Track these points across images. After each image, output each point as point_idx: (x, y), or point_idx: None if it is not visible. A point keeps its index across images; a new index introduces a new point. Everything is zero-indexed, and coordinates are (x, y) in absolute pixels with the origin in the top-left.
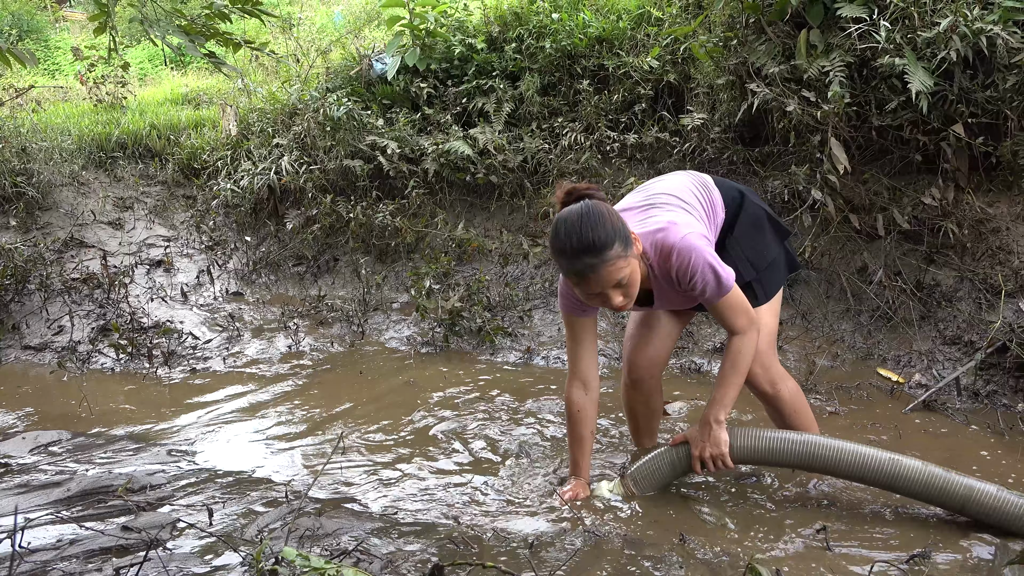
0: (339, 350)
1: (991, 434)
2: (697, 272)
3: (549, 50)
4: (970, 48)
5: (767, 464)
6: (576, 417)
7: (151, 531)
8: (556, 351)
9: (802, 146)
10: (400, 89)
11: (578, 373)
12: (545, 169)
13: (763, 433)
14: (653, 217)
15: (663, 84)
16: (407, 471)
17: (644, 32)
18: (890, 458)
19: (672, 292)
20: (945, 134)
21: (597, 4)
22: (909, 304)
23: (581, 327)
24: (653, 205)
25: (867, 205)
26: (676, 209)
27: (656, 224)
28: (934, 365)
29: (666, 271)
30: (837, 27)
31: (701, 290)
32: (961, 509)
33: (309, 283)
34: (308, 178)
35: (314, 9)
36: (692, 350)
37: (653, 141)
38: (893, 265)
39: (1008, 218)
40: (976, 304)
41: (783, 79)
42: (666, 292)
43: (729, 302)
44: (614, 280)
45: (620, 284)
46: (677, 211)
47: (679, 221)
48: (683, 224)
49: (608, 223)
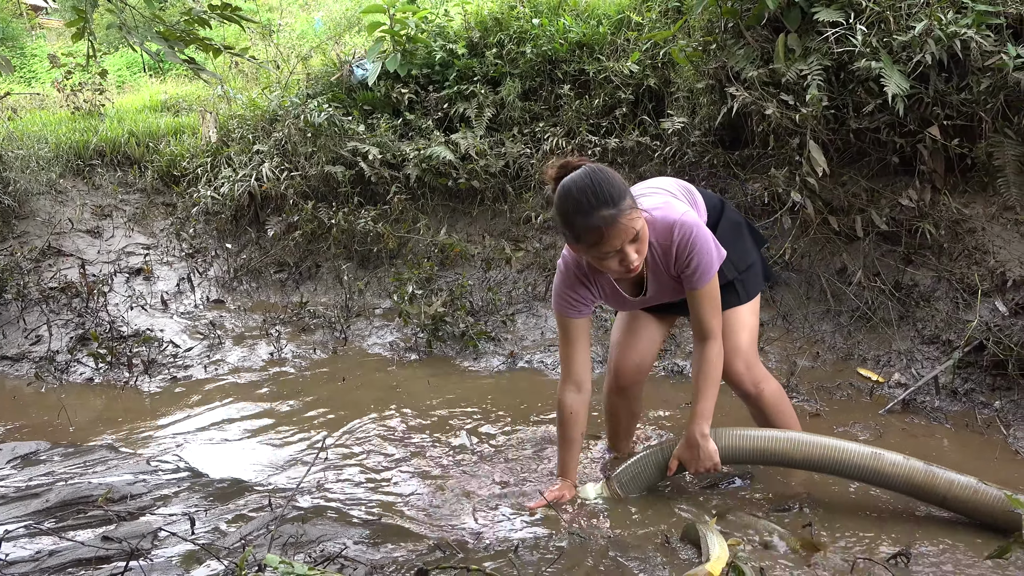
0: (321, 357)
1: (969, 432)
2: (697, 246)
3: (530, 55)
4: (945, 51)
5: (751, 463)
6: (568, 419)
7: (131, 541)
8: (540, 355)
9: (781, 149)
10: (381, 95)
11: (572, 375)
12: (527, 174)
13: (746, 432)
14: (649, 198)
15: (643, 88)
16: (391, 477)
17: (624, 37)
18: (872, 453)
19: (665, 277)
20: (921, 136)
21: (577, 9)
22: (888, 304)
23: (575, 329)
24: (644, 195)
25: (846, 207)
26: (668, 196)
27: (654, 204)
28: (913, 364)
29: (666, 248)
30: (814, 31)
31: (694, 269)
32: (943, 503)
33: (291, 290)
34: (289, 184)
35: (294, 16)
36: (675, 352)
37: (634, 145)
38: (872, 266)
39: (984, 218)
40: (953, 304)
41: (762, 83)
42: (660, 277)
43: (712, 292)
44: (632, 231)
45: (636, 238)
46: (669, 197)
47: (674, 203)
48: (679, 205)
49: (616, 178)
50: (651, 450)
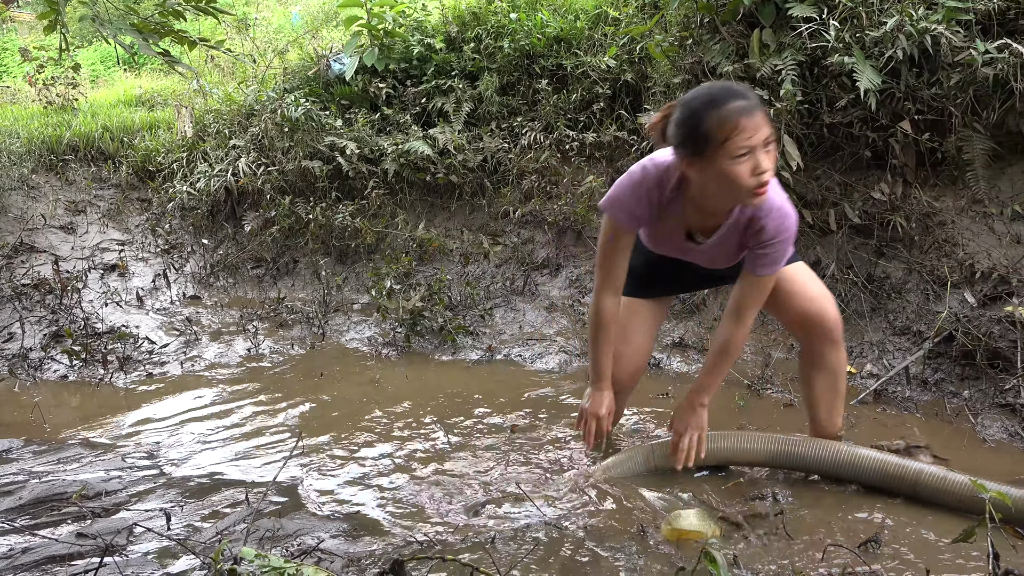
0: (299, 352)
1: (939, 421)
2: (783, 236)
3: (507, 50)
4: (916, 47)
5: (724, 464)
6: (608, 323)
7: (106, 537)
8: (517, 348)
9: None
10: (359, 89)
11: (612, 281)
12: (505, 168)
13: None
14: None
15: (621, 83)
16: (369, 471)
17: (601, 32)
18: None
19: (734, 243)
20: (893, 130)
21: (555, 4)
22: (860, 296)
23: (622, 238)
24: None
25: (820, 200)
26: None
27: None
28: (885, 355)
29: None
30: (788, 26)
31: (768, 256)
32: (913, 492)
33: (268, 285)
34: (266, 180)
35: (271, 10)
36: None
37: (612, 140)
38: (845, 259)
39: (953, 211)
40: (924, 295)
41: (737, 77)
42: (729, 239)
43: (766, 285)
44: (768, 132)
45: (769, 144)
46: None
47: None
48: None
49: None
50: (641, 447)
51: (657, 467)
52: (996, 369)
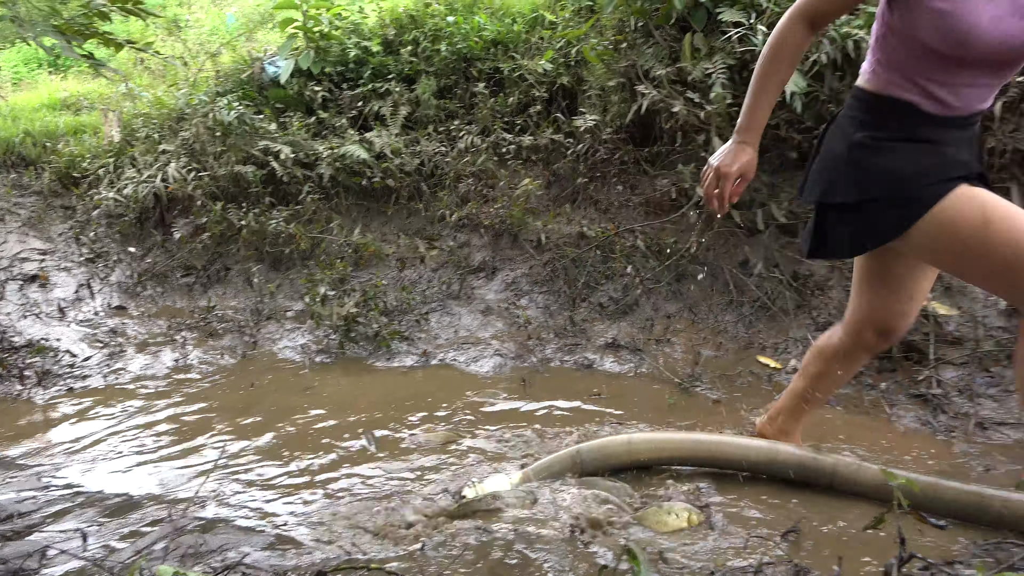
0: (230, 362)
1: (857, 413)
2: None
3: (445, 53)
4: (838, 51)
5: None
6: (787, 55)
7: (16, 561)
8: (453, 352)
9: (688, 145)
10: (294, 93)
11: (819, 5)
12: (442, 172)
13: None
14: None
15: (557, 86)
16: (298, 482)
17: (538, 35)
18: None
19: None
20: (817, 132)
21: (492, 7)
22: (786, 294)
23: None
24: None
25: (748, 201)
26: None
27: None
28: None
29: None
30: (719, 31)
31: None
32: (831, 483)
33: (198, 294)
34: (197, 185)
35: (205, 11)
36: (585, 347)
37: (548, 142)
38: (772, 258)
39: None
40: (845, 292)
41: (670, 81)
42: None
43: None
44: None
45: None
46: None
47: None
48: None
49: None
50: (569, 448)
51: (584, 470)
52: (911, 361)
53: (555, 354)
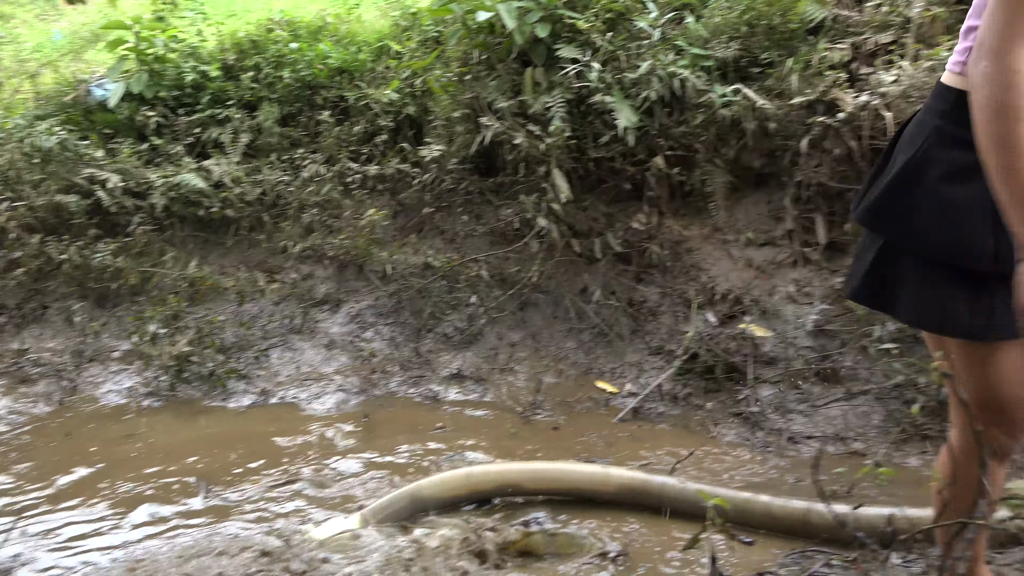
0: (45, 410)
1: (686, 432)
2: None
3: (288, 80)
4: (667, 89)
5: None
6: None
7: None
8: (294, 390)
9: (530, 177)
10: (124, 118)
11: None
12: (285, 202)
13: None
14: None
15: (403, 116)
16: (112, 540)
17: (384, 65)
18: (601, 470)
19: None
20: (649, 165)
21: (337, 35)
22: (622, 320)
23: None
24: None
25: (587, 231)
26: None
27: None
28: (643, 375)
29: None
30: (558, 66)
31: None
32: (659, 504)
33: (10, 336)
34: (11, 216)
35: (29, 25)
36: (431, 378)
37: (394, 172)
38: (609, 285)
39: (699, 239)
40: (675, 317)
41: (512, 113)
42: None
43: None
44: None
45: None
46: None
47: None
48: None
49: None
50: (408, 486)
51: (424, 506)
52: (733, 381)
53: (400, 387)
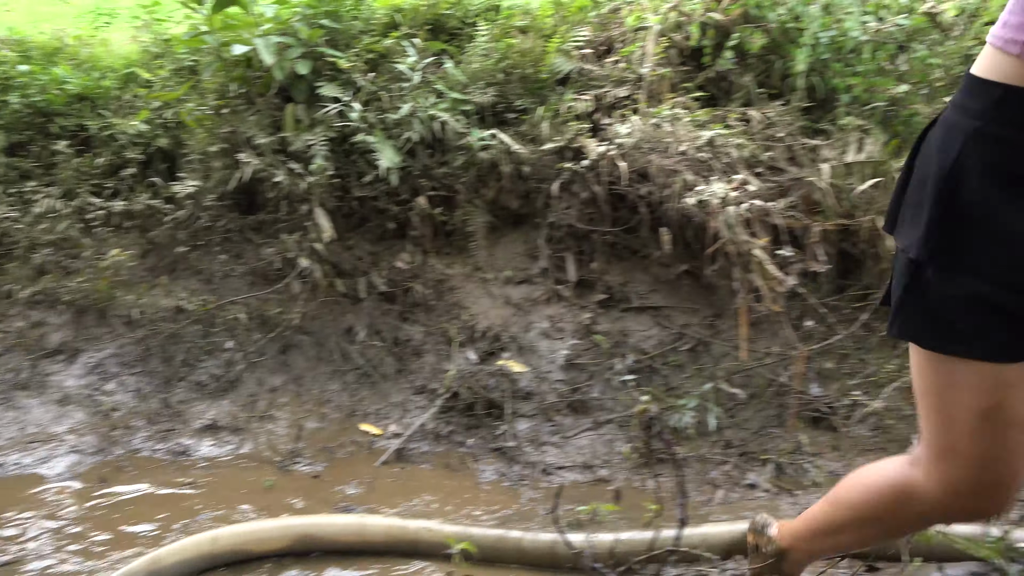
0: None
1: (448, 471)
2: None
3: (16, 105)
4: (428, 130)
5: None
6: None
7: None
8: (17, 455)
9: (292, 215)
10: None
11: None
12: (12, 240)
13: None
14: None
15: (154, 148)
16: None
17: (133, 93)
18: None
19: None
20: (412, 204)
21: (77, 59)
22: (387, 360)
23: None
24: None
25: (351, 270)
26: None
27: None
28: (407, 415)
29: None
30: (319, 104)
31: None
32: (416, 551)
33: None
34: None
35: None
36: (181, 431)
37: (144, 208)
38: (374, 324)
39: (461, 277)
40: (438, 355)
41: (273, 150)
42: None
43: None
44: None
45: None
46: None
47: None
48: None
49: None
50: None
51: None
52: (492, 417)
53: (145, 443)
